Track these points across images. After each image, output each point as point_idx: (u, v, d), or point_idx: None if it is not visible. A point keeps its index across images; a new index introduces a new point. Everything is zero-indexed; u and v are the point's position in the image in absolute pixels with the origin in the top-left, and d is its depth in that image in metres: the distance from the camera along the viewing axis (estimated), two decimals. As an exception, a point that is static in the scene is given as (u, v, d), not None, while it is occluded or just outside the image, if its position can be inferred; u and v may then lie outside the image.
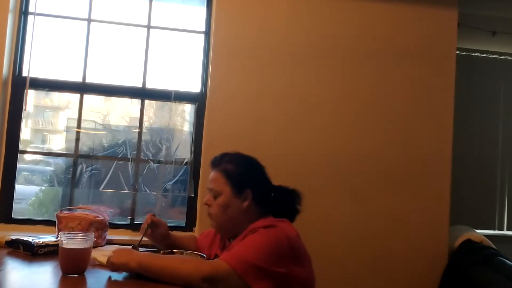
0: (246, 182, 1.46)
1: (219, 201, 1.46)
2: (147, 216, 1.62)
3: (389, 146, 2.33)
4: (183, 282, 1.21)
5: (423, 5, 2.40)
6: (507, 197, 2.91)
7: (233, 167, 1.47)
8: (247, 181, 1.46)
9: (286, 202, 1.50)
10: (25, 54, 2.22)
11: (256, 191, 1.46)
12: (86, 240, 1.29)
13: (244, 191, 1.45)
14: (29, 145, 2.41)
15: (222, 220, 1.47)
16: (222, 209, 1.45)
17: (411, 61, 2.38)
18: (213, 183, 1.49)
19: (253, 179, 1.48)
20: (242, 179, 1.46)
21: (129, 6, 2.40)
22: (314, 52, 2.31)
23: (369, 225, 2.27)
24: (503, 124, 2.95)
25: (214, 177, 1.49)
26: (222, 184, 1.46)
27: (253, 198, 1.45)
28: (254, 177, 1.50)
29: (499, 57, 2.96)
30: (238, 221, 1.45)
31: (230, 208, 1.45)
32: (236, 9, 2.26)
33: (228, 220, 1.46)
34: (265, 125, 2.24)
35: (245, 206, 1.44)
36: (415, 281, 2.29)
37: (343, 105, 2.31)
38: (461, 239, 2.32)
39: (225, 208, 1.45)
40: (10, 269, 1.43)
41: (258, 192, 1.47)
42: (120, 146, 2.36)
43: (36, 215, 2.31)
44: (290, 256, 1.31)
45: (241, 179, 1.46)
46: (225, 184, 1.46)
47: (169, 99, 2.30)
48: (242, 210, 1.44)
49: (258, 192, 1.47)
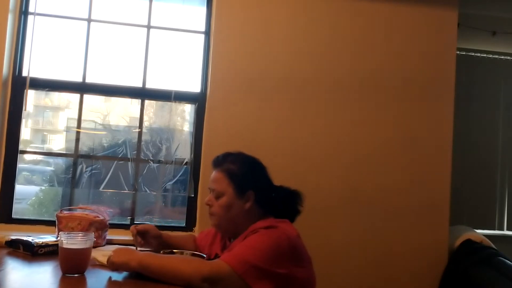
0: (249, 183, 1.45)
1: (222, 202, 1.45)
2: (131, 229, 1.60)
3: (389, 146, 2.33)
4: (183, 282, 1.21)
5: (423, 5, 2.40)
6: (507, 197, 2.91)
7: (236, 168, 1.46)
8: (250, 182, 1.45)
9: (287, 202, 1.50)
10: (25, 54, 2.22)
11: (259, 193, 1.45)
12: (86, 240, 1.29)
13: (247, 192, 1.44)
14: (29, 145, 2.41)
15: (223, 220, 1.46)
16: (224, 210, 1.44)
17: (411, 61, 2.38)
18: (215, 183, 1.47)
19: (255, 180, 1.47)
20: (245, 180, 1.45)
21: (129, 6, 2.40)
22: (315, 50, 2.31)
23: (369, 225, 2.27)
24: (503, 124, 2.95)
25: (216, 177, 1.48)
26: (224, 184, 1.45)
27: (255, 199, 1.45)
28: (257, 178, 1.49)
29: (499, 57, 2.96)
30: (240, 222, 1.44)
31: (233, 209, 1.44)
32: (236, 9, 2.26)
33: (230, 221, 1.46)
34: (265, 125, 2.24)
35: (247, 207, 1.44)
36: (415, 281, 2.29)
37: (344, 104, 2.32)
38: (461, 239, 2.33)
39: (227, 209, 1.44)
40: (10, 269, 1.43)
41: (261, 194, 1.46)
42: (120, 146, 2.36)
43: (36, 215, 2.31)
44: (291, 256, 1.31)
45: (244, 180, 1.45)
46: (228, 185, 1.45)
47: (169, 99, 2.30)
48: (244, 211, 1.44)
49: (261, 194, 1.46)
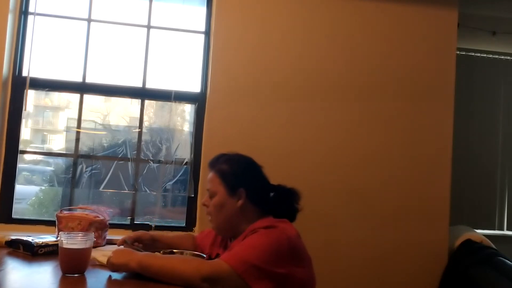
0: (240, 181, 1.47)
1: (214, 201, 1.48)
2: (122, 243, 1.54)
3: (389, 146, 2.33)
4: (183, 282, 1.21)
5: (423, 5, 2.40)
6: (507, 197, 2.91)
7: (227, 167, 1.49)
8: (240, 180, 1.47)
9: (284, 201, 1.50)
10: (25, 54, 2.22)
11: (251, 190, 1.47)
12: (86, 240, 1.29)
13: (238, 190, 1.46)
14: (29, 145, 2.41)
15: (219, 220, 1.48)
16: (217, 208, 1.47)
17: (411, 61, 2.38)
18: (209, 184, 1.51)
19: (246, 178, 1.49)
20: (236, 178, 1.47)
21: (129, 6, 2.40)
22: (315, 49, 2.31)
23: (369, 226, 2.27)
24: (503, 124, 2.95)
25: (210, 178, 1.52)
26: (216, 184, 1.48)
27: (248, 197, 1.46)
28: (248, 176, 1.50)
29: (499, 57, 2.96)
30: (235, 221, 1.46)
31: (225, 208, 1.46)
32: (236, 9, 2.26)
33: (225, 220, 1.47)
34: (265, 125, 2.24)
35: (239, 205, 1.45)
36: (415, 281, 2.29)
37: (343, 104, 2.32)
38: (461, 239, 2.33)
39: (220, 208, 1.46)
40: (10, 269, 1.43)
41: (253, 191, 1.47)
42: (120, 146, 2.36)
43: (36, 215, 2.31)
44: (290, 256, 1.31)
45: (235, 178, 1.47)
46: (220, 184, 1.47)
47: (169, 99, 2.30)
48: (238, 209, 1.45)
49: (253, 191, 1.47)
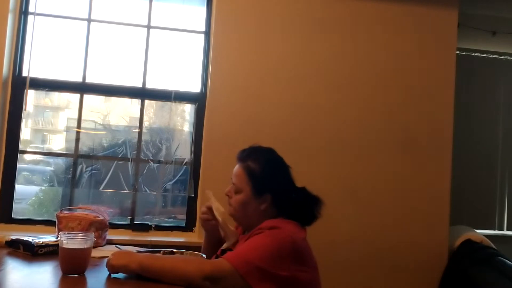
0: (267, 186, 1.43)
1: (238, 198, 1.45)
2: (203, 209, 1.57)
3: (389, 146, 2.33)
4: (185, 281, 1.20)
5: (423, 5, 2.40)
6: (507, 197, 2.91)
7: (257, 167, 1.44)
8: (268, 185, 1.43)
9: (304, 206, 1.46)
10: (25, 54, 2.22)
11: (276, 196, 1.44)
12: (86, 240, 1.29)
13: (264, 194, 1.43)
14: (29, 145, 2.41)
15: (238, 214, 1.47)
16: (240, 206, 1.45)
17: (411, 61, 2.38)
18: (235, 178, 1.47)
19: (275, 183, 1.45)
20: (264, 182, 1.43)
21: (129, 6, 2.40)
22: (315, 49, 2.30)
23: (369, 225, 2.27)
24: (503, 124, 2.95)
25: (237, 172, 1.47)
26: (243, 182, 1.44)
27: (272, 202, 1.43)
28: (276, 181, 1.46)
29: (499, 57, 2.96)
30: (254, 219, 1.43)
31: (248, 207, 1.44)
32: (236, 9, 2.26)
33: (245, 217, 1.46)
34: (265, 125, 2.23)
35: (263, 208, 1.43)
36: (415, 281, 2.29)
37: (343, 104, 2.32)
38: (461, 239, 2.33)
39: (243, 206, 1.44)
40: (10, 269, 1.43)
41: (278, 197, 1.44)
42: (120, 146, 2.36)
43: (36, 215, 2.31)
44: (293, 258, 1.29)
45: (263, 181, 1.43)
46: (247, 183, 1.43)
47: (169, 99, 2.30)
48: (260, 211, 1.43)
49: (278, 197, 1.44)
